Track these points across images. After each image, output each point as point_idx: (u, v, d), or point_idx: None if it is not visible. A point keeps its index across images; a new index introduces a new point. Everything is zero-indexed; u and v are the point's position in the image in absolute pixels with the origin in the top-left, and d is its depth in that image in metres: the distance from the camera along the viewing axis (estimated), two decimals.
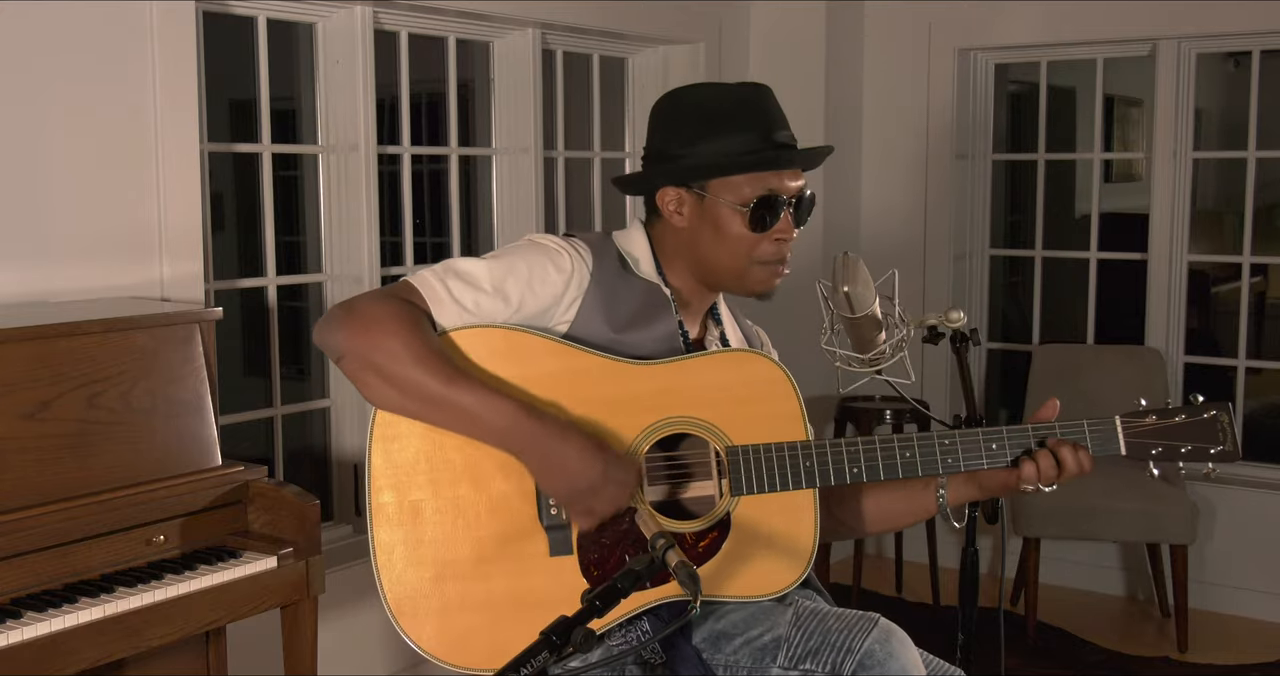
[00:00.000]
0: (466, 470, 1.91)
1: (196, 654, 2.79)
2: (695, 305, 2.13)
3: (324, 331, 1.89)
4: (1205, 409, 2.05)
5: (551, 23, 4.13)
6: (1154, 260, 4.72)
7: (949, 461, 2.01)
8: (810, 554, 1.99)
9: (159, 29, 3.02)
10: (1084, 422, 2.03)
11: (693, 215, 2.04)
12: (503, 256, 1.98)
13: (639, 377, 1.96)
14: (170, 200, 3.07)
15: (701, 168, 2.01)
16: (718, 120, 2.02)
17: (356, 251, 3.69)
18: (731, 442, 1.98)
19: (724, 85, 2.11)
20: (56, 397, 2.40)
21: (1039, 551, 4.30)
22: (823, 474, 1.99)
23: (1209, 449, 2.04)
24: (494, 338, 1.93)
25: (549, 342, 1.95)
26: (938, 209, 5.03)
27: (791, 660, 1.90)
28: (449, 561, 1.90)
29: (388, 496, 1.90)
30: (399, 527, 1.90)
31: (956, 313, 2.14)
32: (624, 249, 2.08)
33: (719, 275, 2.07)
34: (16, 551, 2.26)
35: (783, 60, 4.88)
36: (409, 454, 1.91)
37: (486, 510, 1.91)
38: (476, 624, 1.89)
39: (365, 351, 1.84)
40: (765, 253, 2.03)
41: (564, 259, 1.98)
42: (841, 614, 1.95)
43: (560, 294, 1.97)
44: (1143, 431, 2.04)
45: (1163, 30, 4.57)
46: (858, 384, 2.25)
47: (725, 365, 2.01)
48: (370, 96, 3.63)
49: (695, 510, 2.01)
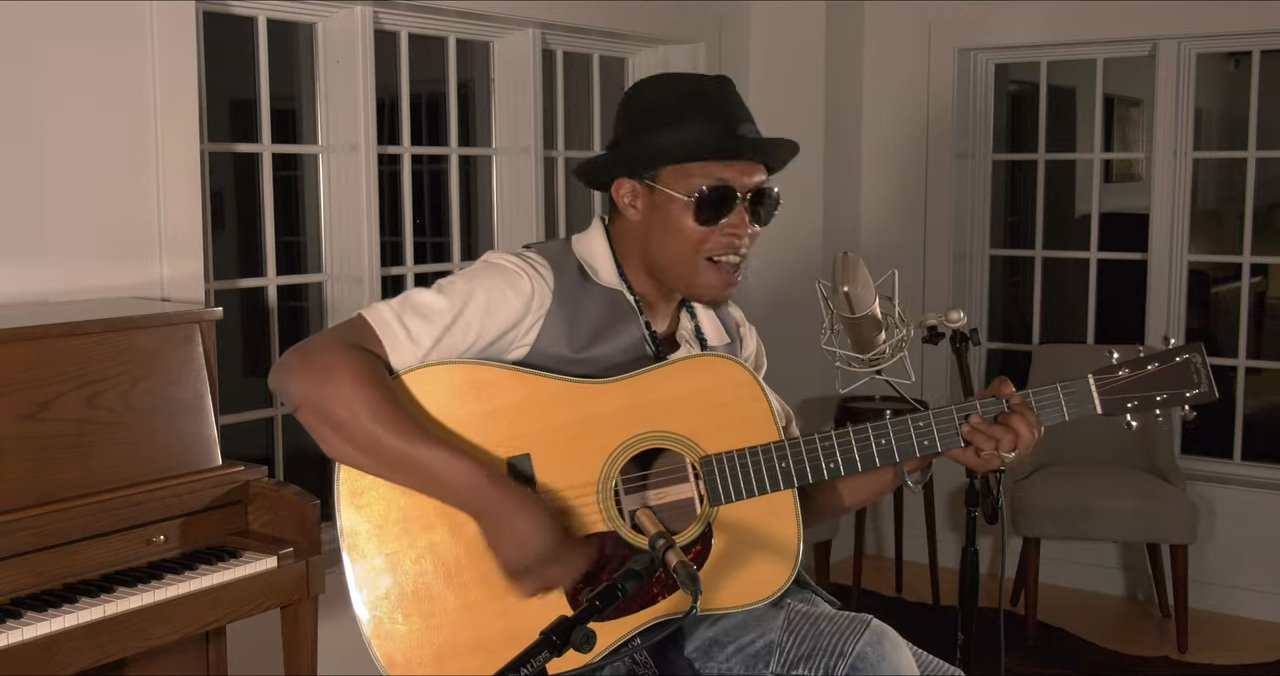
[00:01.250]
0: (440, 515, 1.87)
1: (196, 654, 2.79)
2: (662, 303, 2.08)
3: (280, 378, 1.85)
4: (1177, 353, 2.01)
5: (551, 23, 4.13)
6: (1154, 260, 4.72)
7: (925, 444, 1.96)
8: (796, 553, 1.95)
9: (159, 29, 3.02)
10: (1057, 386, 1.97)
11: (645, 207, 1.99)
12: (460, 283, 1.93)
13: (604, 397, 1.92)
14: (170, 200, 3.07)
15: (649, 156, 1.96)
16: (672, 109, 1.96)
17: (356, 251, 3.69)
18: (704, 452, 1.94)
19: (686, 75, 2.08)
20: (56, 397, 2.40)
21: (1039, 551, 4.30)
22: (799, 472, 1.95)
23: (1184, 393, 1.99)
24: (453, 375, 1.89)
25: (509, 372, 1.91)
26: (937, 209, 5.03)
27: (784, 665, 1.89)
28: (434, 611, 1.87)
29: (364, 552, 1.87)
30: (380, 583, 1.87)
31: (956, 313, 2.13)
32: (584, 257, 2.03)
33: (667, 272, 2.01)
34: (16, 551, 2.26)
35: (783, 60, 4.88)
36: (380, 506, 1.87)
37: (465, 553, 1.88)
38: (472, 665, 1.85)
39: (323, 405, 1.80)
40: (715, 247, 1.96)
41: (523, 281, 1.93)
42: (833, 616, 1.93)
43: (520, 318, 1.93)
44: (1116, 386, 1.98)
45: (1163, 30, 4.57)
46: (858, 384, 2.24)
47: (688, 373, 1.96)
48: (370, 96, 3.63)
49: (676, 525, 1.96)
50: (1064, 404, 1.98)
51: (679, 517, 1.97)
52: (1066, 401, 1.98)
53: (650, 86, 2.06)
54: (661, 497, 1.98)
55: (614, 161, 2.01)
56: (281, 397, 1.87)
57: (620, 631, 1.89)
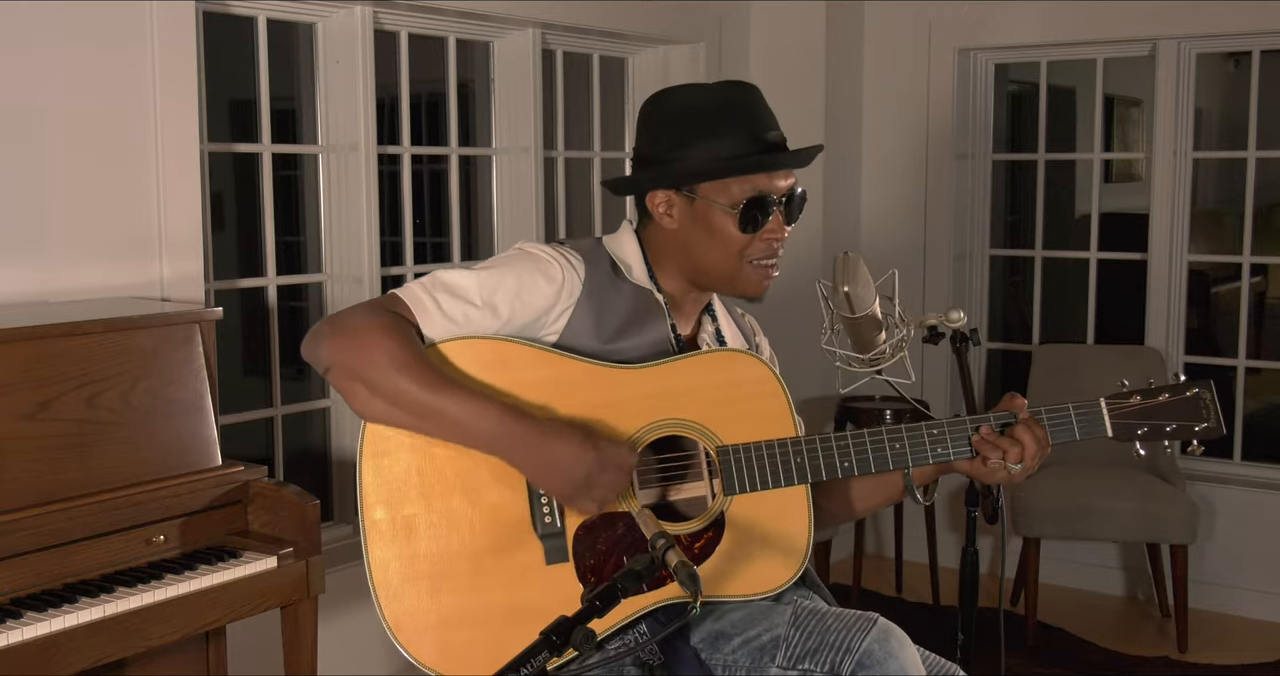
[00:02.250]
0: (459, 482, 1.90)
1: (196, 654, 2.79)
2: (688, 306, 2.13)
3: (311, 345, 1.89)
4: (1188, 387, 2.07)
5: (551, 23, 4.13)
6: (1154, 260, 4.72)
7: (939, 451, 2.02)
8: (806, 550, 1.99)
9: (159, 29, 3.02)
10: (1069, 406, 2.04)
11: (683, 217, 2.04)
12: (493, 267, 1.97)
13: (627, 382, 1.96)
14: (170, 200, 3.07)
15: (691, 172, 2.01)
16: (706, 122, 2.01)
17: (356, 251, 3.69)
18: (722, 442, 1.98)
19: (711, 85, 2.10)
20: (56, 397, 2.40)
21: (1039, 551, 4.30)
22: (814, 469, 1.99)
23: (1193, 426, 2.06)
24: (481, 348, 1.92)
25: (536, 351, 1.94)
26: (937, 209, 5.03)
27: (790, 660, 1.90)
28: (444, 575, 1.89)
29: (380, 512, 1.89)
30: (393, 544, 1.89)
31: (956, 313, 2.14)
32: (616, 255, 2.08)
33: (710, 277, 2.07)
34: (16, 551, 2.26)
35: (783, 60, 4.88)
36: (400, 468, 1.90)
37: (480, 521, 1.90)
38: (476, 637, 1.88)
39: (351, 362, 1.83)
40: (756, 252, 2.02)
41: (554, 269, 1.97)
42: (840, 613, 1.94)
43: (550, 305, 1.96)
44: (1128, 412, 2.05)
45: (1163, 30, 4.57)
46: (858, 384, 2.25)
47: (712, 366, 2.00)
48: (370, 96, 3.63)
49: (689, 512, 2.01)
50: (1075, 424, 2.04)
51: (693, 505, 2.00)
52: (1078, 421, 2.04)
53: (680, 96, 2.09)
54: (677, 484, 2.02)
55: (650, 177, 2.05)
56: (313, 364, 1.90)
57: (629, 609, 1.91)
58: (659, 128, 2.06)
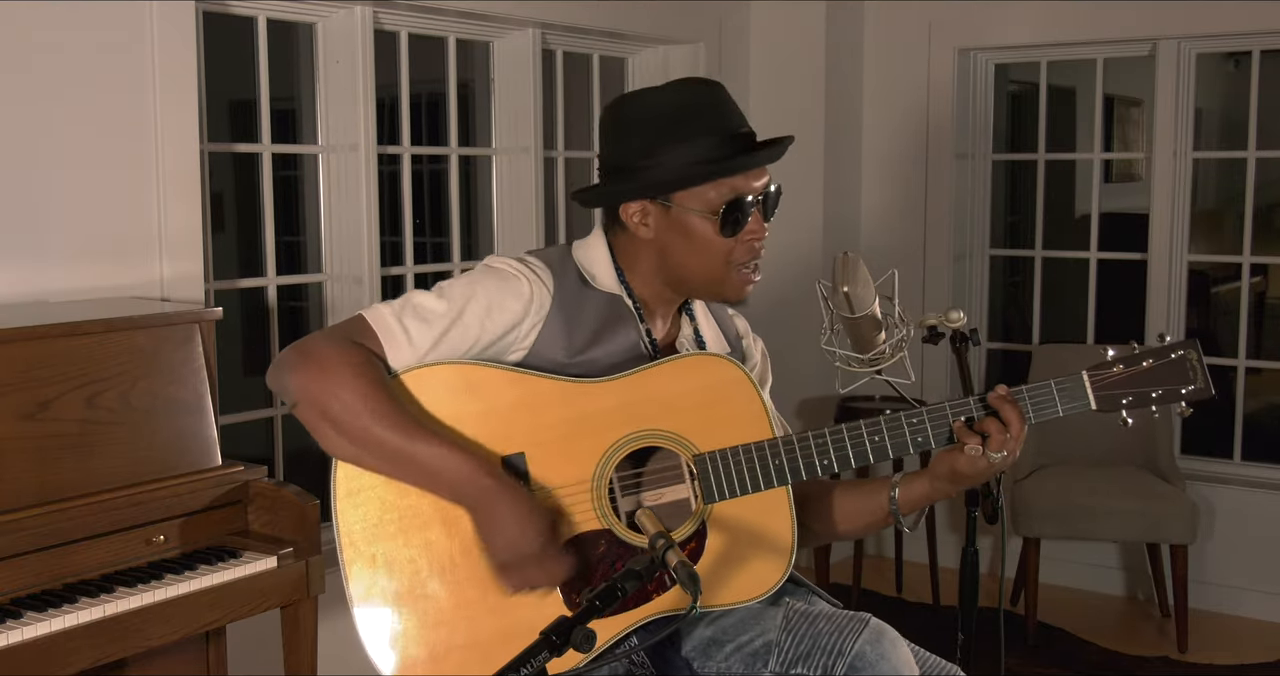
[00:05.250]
0: (435, 514, 1.88)
1: (196, 654, 2.79)
2: (662, 309, 2.09)
3: (278, 374, 1.86)
4: (1172, 349, 1.99)
5: (551, 23, 4.13)
6: (1154, 260, 4.72)
7: (919, 440, 1.96)
8: (791, 549, 1.96)
9: (159, 29, 3.02)
10: (1051, 382, 1.97)
11: (659, 226, 1.99)
12: (460, 287, 1.94)
13: (598, 395, 1.93)
14: (170, 200, 3.07)
15: (665, 181, 1.96)
16: (674, 126, 1.96)
17: (356, 251, 3.69)
18: (698, 450, 1.95)
19: (673, 86, 2.05)
20: (56, 397, 2.40)
21: (1039, 551, 4.30)
22: (793, 470, 1.96)
23: (1180, 389, 1.98)
24: (449, 375, 1.90)
25: (504, 372, 1.92)
26: (937, 209, 5.03)
27: (783, 665, 1.88)
28: (429, 609, 1.87)
29: (359, 551, 1.88)
30: (375, 582, 1.87)
31: (956, 313, 2.12)
32: (583, 264, 2.04)
33: (692, 283, 2.03)
34: (16, 551, 2.26)
35: (783, 60, 4.88)
36: (375, 506, 1.88)
37: (460, 551, 1.88)
38: (469, 663, 1.86)
39: (320, 400, 1.81)
40: (740, 256, 1.99)
41: (523, 284, 1.94)
42: (832, 615, 1.93)
43: (519, 320, 1.94)
44: (1111, 382, 1.98)
45: (1163, 30, 4.56)
46: (858, 384, 2.24)
47: (683, 371, 1.97)
48: (370, 96, 3.63)
49: (672, 522, 1.96)
50: (1058, 399, 1.97)
51: (674, 516, 1.97)
52: (1060, 397, 1.97)
53: (643, 101, 2.03)
54: (656, 496, 1.99)
55: (622, 189, 2.00)
56: (279, 394, 1.88)
57: (616, 628, 1.90)
58: (626, 134, 2.00)
